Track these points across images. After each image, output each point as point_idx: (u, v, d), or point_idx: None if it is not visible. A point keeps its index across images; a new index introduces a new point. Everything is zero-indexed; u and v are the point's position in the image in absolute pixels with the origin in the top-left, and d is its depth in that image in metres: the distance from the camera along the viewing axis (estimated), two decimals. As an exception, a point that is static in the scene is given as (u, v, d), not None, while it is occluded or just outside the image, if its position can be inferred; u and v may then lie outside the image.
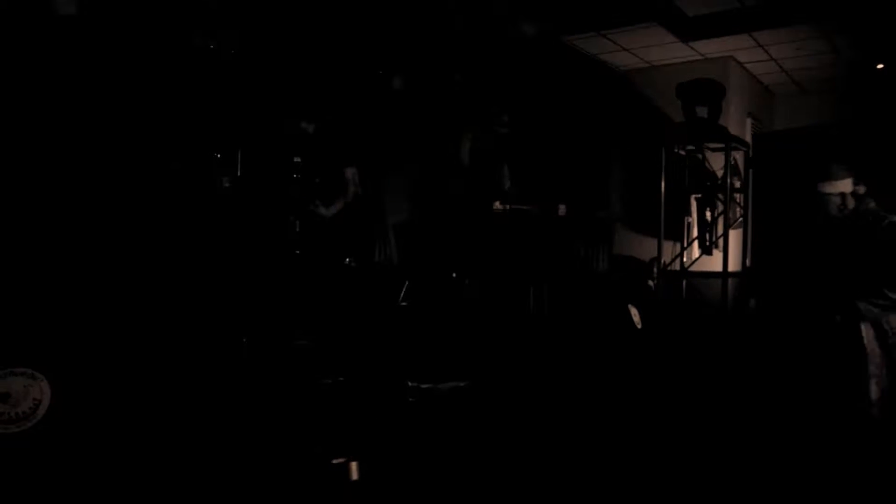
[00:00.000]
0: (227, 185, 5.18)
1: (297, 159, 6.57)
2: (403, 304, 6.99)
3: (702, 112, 6.62)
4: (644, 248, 7.81)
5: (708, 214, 7.13)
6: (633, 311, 3.91)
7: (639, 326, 3.90)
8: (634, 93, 7.96)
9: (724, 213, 6.44)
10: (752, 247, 6.98)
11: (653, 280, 7.66)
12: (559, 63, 7.47)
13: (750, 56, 7.45)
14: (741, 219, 6.90)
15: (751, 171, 6.80)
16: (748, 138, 7.67)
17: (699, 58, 7.53)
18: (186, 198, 4.66)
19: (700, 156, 6.88)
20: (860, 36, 6.94)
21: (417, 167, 8.22)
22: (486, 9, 6.55)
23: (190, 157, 5.16)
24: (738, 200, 6.95)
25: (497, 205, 5.17)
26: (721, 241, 6.73)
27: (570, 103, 7.66)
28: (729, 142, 6.37)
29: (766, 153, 6.44)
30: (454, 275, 4.41)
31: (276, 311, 5.09)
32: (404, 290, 7.12)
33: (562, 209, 5.38)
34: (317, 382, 4.01)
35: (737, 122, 7.55)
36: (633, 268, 7.75)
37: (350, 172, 4.67)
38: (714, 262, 7.03)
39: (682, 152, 6.92)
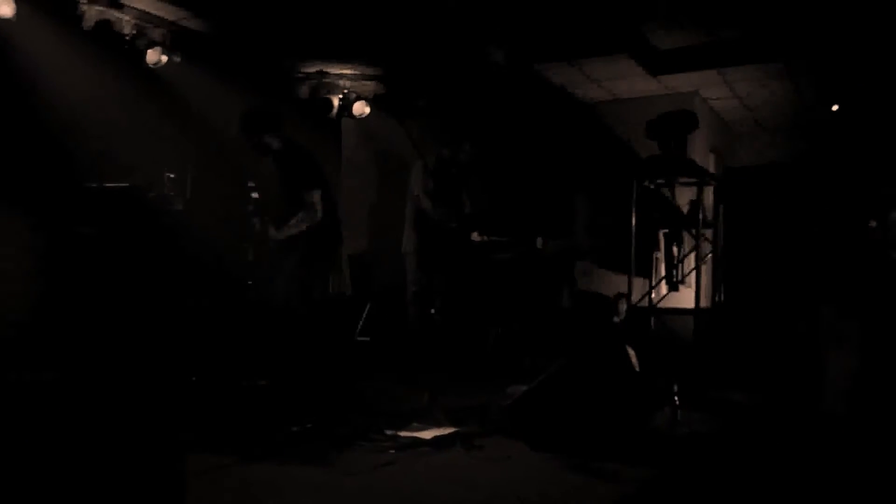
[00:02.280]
0: (179, 207, 4.52)
1: (251, 184, 5.98)
2: (361, 338, 6.41)
3: (672, 145, 6.31)
4: (608, 283, 7.43)
5: (675, 250, 6.81)
6: (631, 353, 3.42)
7: (637, 369, 3.39)
8: (600, 126, 7.64)
9: (696, 247, 6.09)
10: (722, 283, 6.67)
11: (618, 317, 7.28)
12: (527, 92, 7.10)
13: (715, 92, 7.24)
14: (710, 254, 6.59)
15: (721, 206, 6.52)
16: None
17: (666, 92, 7.28)
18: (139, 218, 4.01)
19: (667, 190, 6.56)
20: (822, 77, 6.82)
21: (375, 194, 7.71)
22: (453, 34, 6.12)
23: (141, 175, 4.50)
24: (706, 236, 6.65)
25: (475, 235, 4.67)
26: (691, 277, 6.40)
27: (537, 133, 7.29)
28: (702, 176, 6.06)
29: (737, 188, 6.15)
30: (432, 311, 3.85)
31: (226, 346, 4.42)
32: (361, 323, 6.54)
33: (539, 242, 4.91)
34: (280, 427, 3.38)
35: (701, 157, 7.31)
36: (599, 304, 7.36)
37: (316, 195, 4.08)
38: (681, 299, 6.70)
39: (651, 186, 6.59)
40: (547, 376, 3.34)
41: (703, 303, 6.69)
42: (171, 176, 4.40)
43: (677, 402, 3.87)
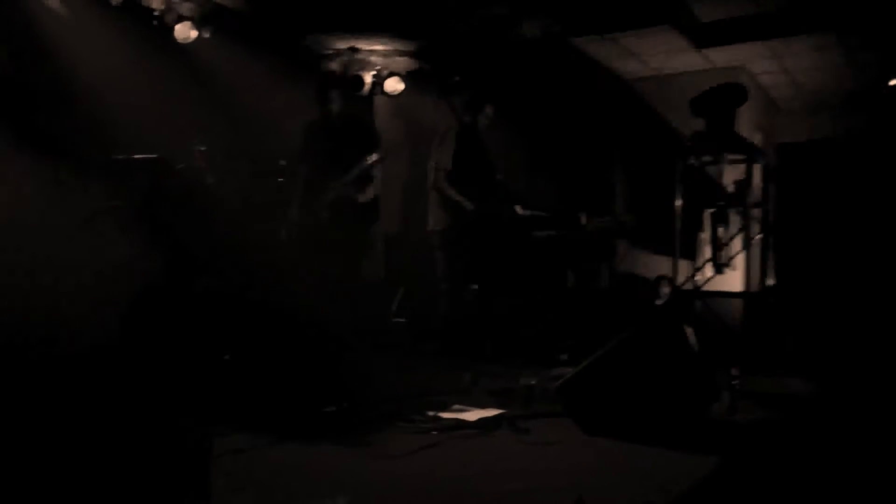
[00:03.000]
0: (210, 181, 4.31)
1: (282, 162, 5.75)
2: (396, 319, 6.17)
3: (720, 121, 5.95)
4: (648, 265, 7.09)
5: (720, 231, 6.45)
6: (690, 333, 3.12)
7: (696, 349, 3.09)
8: (640, 103, 7.28)
9: (746, 228, 5.73)
10: (774, 265, 6.30)
11: (660, 299, 6.94)
12: (564, 67, 6.76)
13: (762, 66, 6.83)
14: (761, 235, 6.22)
15: (771, 184, 6.15)
16: (760, 151, 7.03)
17: (709, 67, 6.89)
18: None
19: (714, 168, 6.20)
20: (878, 48, 6.38)
21: (408, 173, 7.44)
22: (487, 7, 5.82)
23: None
24: (755, 215, 6.28)
25: (519, 209, 4.38)
26: (737, 259, 6.04)
27: (574, 110, 6.96)
28: (752, 152, 5.68)
29: (789, 165, 5.76)
30: (474, 286, 3.57)
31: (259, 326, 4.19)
32: (396, 303, 6.29)
33: (583, 218, 4.60)
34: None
35: (747, 135, 6.91)
36: (639, 286, 7.03)
37: (375, 158, 3.83)
38: (726, 282, 6.34)
39: (696, 164, 6.23)
40: (600, 356, 3.06)
41: (751, 286, 6.34)
42: (202, 149, 4.17)
43: (736, 388, 3.56)
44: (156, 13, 5.44)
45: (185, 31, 5.61)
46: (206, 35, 5.72)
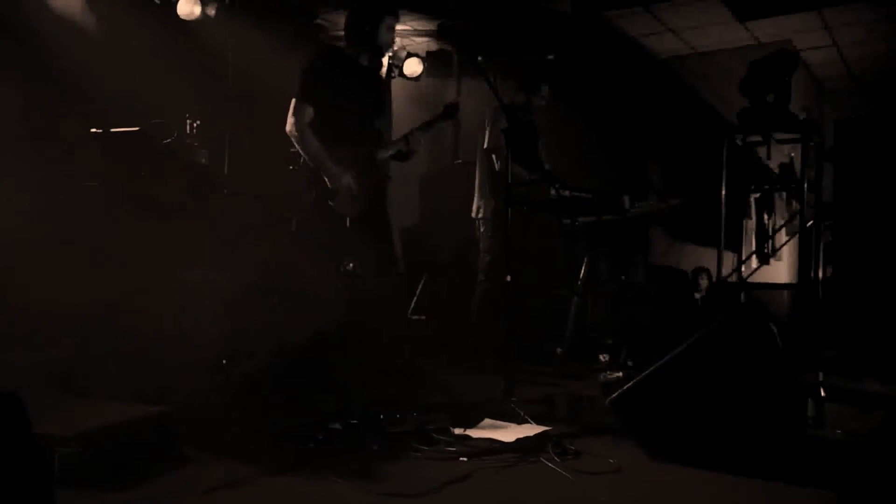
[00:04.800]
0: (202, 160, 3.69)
1: (293, 149, 5.14)
2: (415, 317, 5.53)
3: (769, 98, 5.21)
4: (685, 256, 6.38)
5: (766, 217, 5.72)
6: (775, 333, 2.42)
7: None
8: (677, 81, 6.55)
9: (800, 213, 5.00)
10: (829, 254, 5.55)
11: (699, 293, 6.23)
12: (597, 43, 6.06)
13: (811, 40, 6.05)
14: (811, 222, 5.47)
15: (824, 165, 5.39)
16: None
17: (753, 43, 6.14)
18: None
19: (761, 148, 5.46)
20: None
21: (426, 161, 6.78)
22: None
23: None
24: (807, 201, 5.54)
25: (564, 191, 3.71)
26: (785, 249, 5.31)
27: (606, 90, 6.26)
28: (807, 130, 4.94)
29: (849, 144, 5.01)
30: (508, 278, 2.90)
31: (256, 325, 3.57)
32: (415, 299, 5.65)
33: (626, 201, 3.92)
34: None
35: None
36: (675, 278, 6.33)
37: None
38: (772, 273, 5.61)
39: (741, 144, 5.50)
40: (666, 361, 2.38)
41: (801, 277, 5.60)
42: (196, 124, 3.54)
43: (823, 395, 2.87)
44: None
45: (188, 7, 5.03)
46: (211, 13, 5.13)
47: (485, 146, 4.29)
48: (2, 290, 2.64)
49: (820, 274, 5.81)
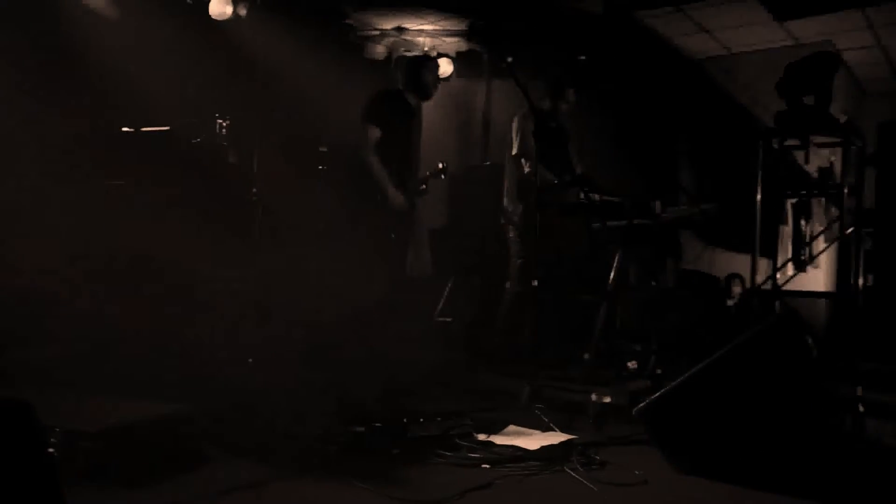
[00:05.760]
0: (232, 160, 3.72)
1: (322, 148, 5.17)
2: (441, 319, 5.50)
3: (808, 100, 5.07)
4: (717, 262, 6.24)
5: (803, 223, 5.56)
6: (811, 344, 2.34)
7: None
8: (710, 84, 6.42)
9: (840, 218, 4.84)
10: (864, 262, 5.38)
11: (731, 300, 6.09)
12: (628, 44, 5.96)
13: (853, 41, 5.87)
14: (852, 228, 5.31)
15: (865, 170, 5.21)
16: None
17: (790, 44, 5.98)
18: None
19: (799, 153, 5.31)
20: None
21: (454, 163, 6.74)
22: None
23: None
24: (847, 206, 5.37)
25: (594, 195, 3.66)
26: (823, 256, 5.16)
27: (637, 92, 6.15)
28: (848, 133, 4.79)
29: (894, 147, 4.84)
30: (535, 283, 2.86)
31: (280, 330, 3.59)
32: (442, 302, 5.62)
33: (657, 206, 3.84)
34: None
35: (832, 118, 5.98)
36: (707, 285, 6.20)
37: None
38: (808, 281, 5.46)
39: (777, 147, 5.35)
40: (697, 371, 2.31)
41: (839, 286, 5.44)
42: (225, 124, 3.57)
43: (862, 410, 2.77)
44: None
45: (220, 7, 5.07)
46: (242, 13, 5.17)
47: (514, 152, 4.28)
48: (30, 288, 2.68)
49: (860, 282, 5.64)
